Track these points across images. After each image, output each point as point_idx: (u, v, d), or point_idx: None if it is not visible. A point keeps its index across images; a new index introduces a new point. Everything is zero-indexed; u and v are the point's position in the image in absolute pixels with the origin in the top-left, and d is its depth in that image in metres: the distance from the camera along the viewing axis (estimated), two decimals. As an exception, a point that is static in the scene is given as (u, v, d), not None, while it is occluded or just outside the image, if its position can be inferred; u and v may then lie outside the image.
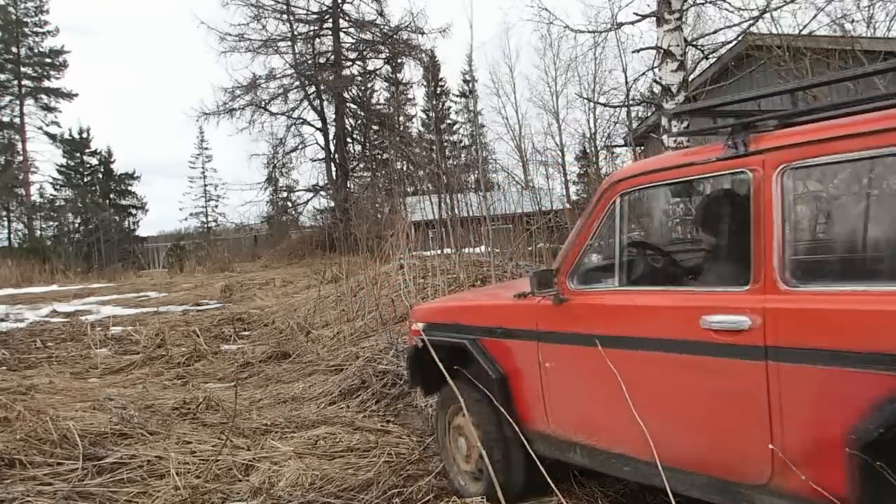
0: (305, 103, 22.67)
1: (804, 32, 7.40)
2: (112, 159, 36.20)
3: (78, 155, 35.04)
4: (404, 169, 21.81)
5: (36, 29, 33.43)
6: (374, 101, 26.99)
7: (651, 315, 2.45)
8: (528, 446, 2.74)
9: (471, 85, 38.58)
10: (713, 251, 2.71)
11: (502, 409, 2.83)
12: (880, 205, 2.21)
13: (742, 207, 2.23)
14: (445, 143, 33.48)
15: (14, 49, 32.66)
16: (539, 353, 2.84)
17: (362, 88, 25.46)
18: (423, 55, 23.48)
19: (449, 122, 38.06)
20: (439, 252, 8.52)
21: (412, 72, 43.50)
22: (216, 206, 41.76)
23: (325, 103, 22.95)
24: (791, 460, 2.00)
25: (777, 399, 2.02)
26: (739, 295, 2.17)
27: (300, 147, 23.48)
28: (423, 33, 22.22)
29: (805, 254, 2.21)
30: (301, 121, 23.01)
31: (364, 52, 23.64)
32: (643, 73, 10.20)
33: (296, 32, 22.18)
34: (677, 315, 2.33)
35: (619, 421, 2.42)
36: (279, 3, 21.79)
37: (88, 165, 35.73)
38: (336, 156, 23.05)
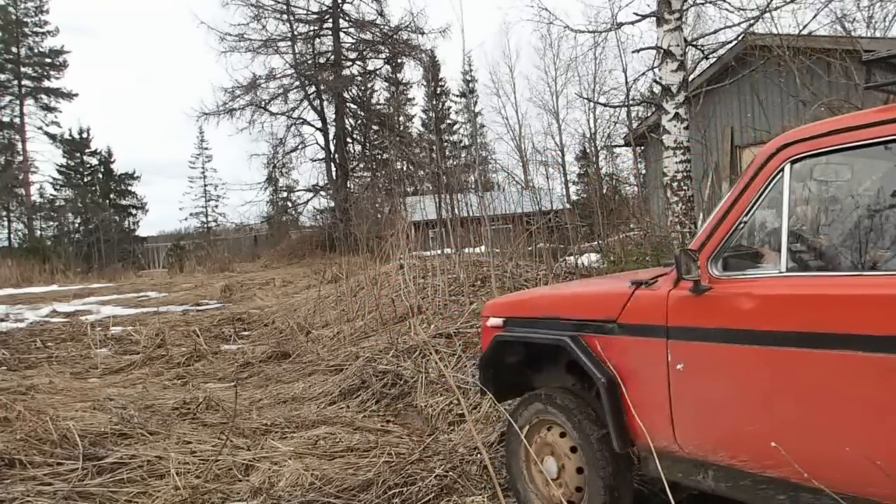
0: (305, 103, 22.66)
1: (804, 32, 7.40)
2: (112, 159, 36.22)
3: (78, 155, 35.03)
4: (404, 169, 21.82)
5: (36, 29, 33.44)
6: (374, 101, 27.00)
7: (833, 306, 1.99)
8: (660, 467, 2.28)
9: (471, 85, 38.58)
10: None
11: (611, 422, 2.45)
12: None
13: None
14: (445, 143, 33.49)
15: (14, 49, 32.65)
16: (668, 353, 2.36)
17: (362, 88, 25.46)
18: (423, 55, 23.49)
19: (449, 122, 38.07)
20: (439, 252, 8.52)
21: (412, 72, 43.59)
22: (216, 206, 41.78)
23: (325, 103, 22.94)
24: None
25: None
26: None
27: (300, 147, 23.48)
28: (422, 33, 22.23)
29: None
30: (301, 121, 23.01)
31: (364, 52, 23.64)
32: (643, 73, 10.21)
33: (296, 32, 22.17)
34: (873, 305, 1.89)
35: (781, 435, 2.02)
36: (279, 3, 21.80)
37: (88, 165, 35.72)
38: (336, 156, 23.05)
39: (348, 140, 24.07)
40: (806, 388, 1.99)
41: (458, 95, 39.21)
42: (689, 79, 8.64)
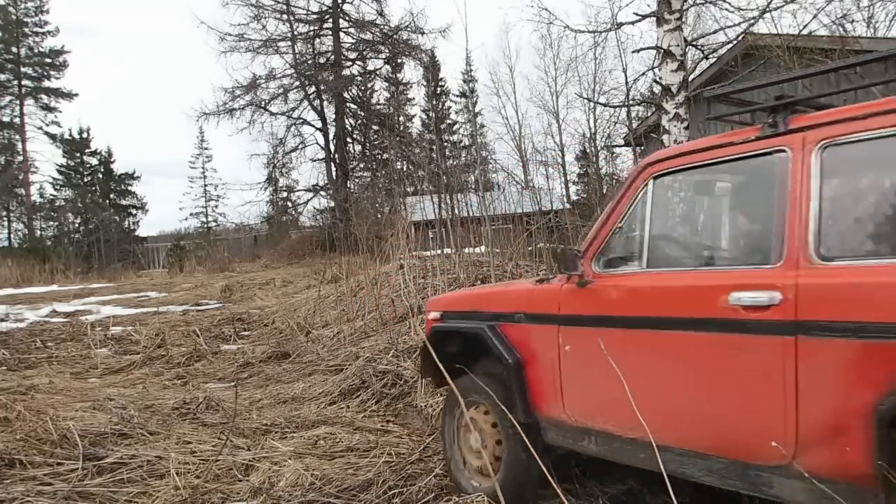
0: (305, 103, 22.66)
1: (804, 32, 7.40)
2: (112, 159, 36.22)
3: (78, 155, 35.02)
4: (404, 169, 21.80)
5: (36, 29, 33.44)
6: (374, 101, 26.99)
7: (678, 295, 2.44)
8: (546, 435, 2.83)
9: (471, 85, 38.58)
10: (743, 230, 2.73)
11: (517, 396, 2.86)
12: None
13: (777, 185, 2.28)
14: (445, 143, 33.47)
15: (14, 49, 32.65)
16: (559, 337, 2.82)
17: (362, 88, 25.45)
18: (423, 55, 23.48)
19: (449, 122, 38.06)
20: (439, 252, 8.52)
21: (412, 72, 43.58)
22: (216, 206, 41.79)
23: (325, 103, 22.94)
24: (813, 439, 2.01)
25: (805, 374, 2.02)
26: (770, 271, 2.18)
27: (300, 147, 23.47)
28: (423, 33, 22.22)
29: (838, 229, 2.20)
30: (301, 121, 23.01)
31: (364, 52, 23.63)
32: (643, 73, 10.21)
33: (296, 32, 22.17)
34: (705, 293, 2.32)
35: (639, 403, 2.36)
36: (279, 3, 21.79)
37: (88, 165, 35.72)
38: (336, 156, 23.05)
39: (348, 140, 24.07)
40: (653, 364, 2.44)
41: (458, 95, 39.21)
42: (689, 79, 8.64)
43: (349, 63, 23.55)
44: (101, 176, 36.04)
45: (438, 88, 37.78)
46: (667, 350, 2.43)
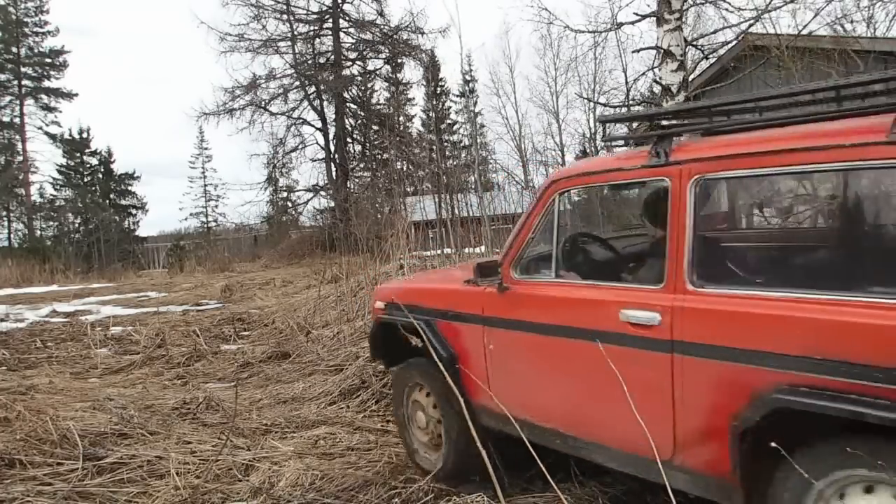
0: (305, 103, 22.65)
1: (804, 32, 7.40)
2: (112, 159, 36.18)
3: (78, 155, 35.01)
4: (404, 169, 21.80)
5: (36, 29, 33.42)
6: (374, 101, 26.98)
7: (579, 306, 2.69)
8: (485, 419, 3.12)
9: (471, 85, 38.57)
10: (636, 251, 2.96)
11: (452, 385, 3.07)
12: (783, 215, 2.44)
13: (661, 213, 2.45)
14: (445, 143, 33.48)
15: (14, 49, 32.63)
16: (484, 336, 3.09)
17: (362, 88, 25.44)
18: (423, 55, 23.48)
19: (449, 122, 38.06)
20: (439, 252, 8.52)
21: (412, 72, 43.55)
22: (216, 206, 41.78)
23: (325, 103, 22.93)
24: (688, 441, 2.30)
25: (680, 388, 2.28)
26: (653, 293, 2.41)
27: (300, 147, 23.46)
28: (422, 33, 22.22)
29: (712, 258, 2.42)
30: (301, 121, 23.00)
31: (364, 52, 23.63)
32: (643, 73, 10.22)
33: (296, 32, 22.17)
34: (601, 308, 2.56)
35: (550, 400, 2.80)
36: (279, 3, 21.79)
37: (88, 165, 35.70)
38: (336, 156, 23.04)
39: (348, 140, 24.07)
40: (561, 367, 2.74)
41: (458, 95, 39.21)
42: (689, 79, 8.64)
43: (349, 63, 23.55)
44: (101, 176, 36.02)
45: (438, 88, 37.76)
46: (571, 355, 2.67)
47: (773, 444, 1.90)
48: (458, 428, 3.22)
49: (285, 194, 28.36)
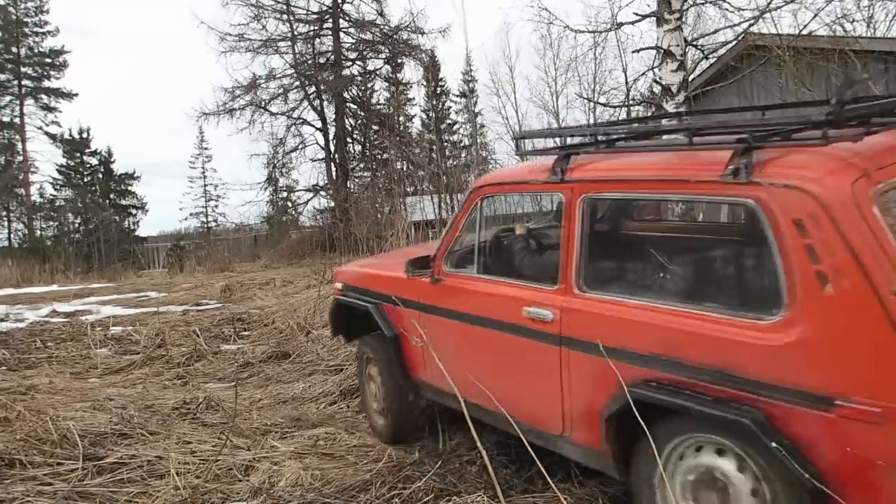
0: (305, 103, 22.60)
1: (804, 32, 7.40)
2: (112, 159, 36.17)
3: (78, 155, 35.00)
4: (404, 169, 21.80)
5: (36, 29, 33.40)
6: (374, 101, 26.95)
7: (494, 300, 3.10)
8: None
9: (471, 85, 38.58)
10: (543, 253, 3.31)
11: (396, 362, 3.75)
12: (651, 233, 2.85)
13: (559, 222, 2.83)
14: (445, 143, 33.48)
15: (14, 49, 32.62)
16: (420, 321, 3.52)
17: (362, 88, 25.41)
18: (423, 55, 23.44)
19: (449, 122, 38.09)
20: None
21: (412, 72, 43.53)
22: (216, 206, 41.76)
23: (325, 103, 22.87)
24: (574, 420, 2.73)
25: (567, 376, 2.69)
26: (549, 293, 2.79)
27: (300, 147, 23.40)
28: (423, 33, 22.15)
29: (594, 266, 2.75)
30: (301, 121, 22.95)
31: (364, 52, 23.59)
32: (643, 73, 10.22)
33: (296, 32, 22.12)
34: (511, 303, 2.95)
35: (469, 377, 3.15)
36: (279, 3, 21.75)
37: (88, 165, 35.69)
38: (336, 156, 23.02)
39: (348, 140, 24.03)
40: (482, 351, 3.18)
41: (458, 95, 39.21)
42: (689, 79, 8.64)
43: (349, 63, 23.51)
44: (101, 176, 36.01)
45: (438, 88, 37.76)
46: (489, 342, 3.12)
47: (636, 422, 2.26)
48: (397, 398, 3.84)
49: (285, 194, 28.32)
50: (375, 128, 24.57)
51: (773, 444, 2.03)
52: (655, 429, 2.28)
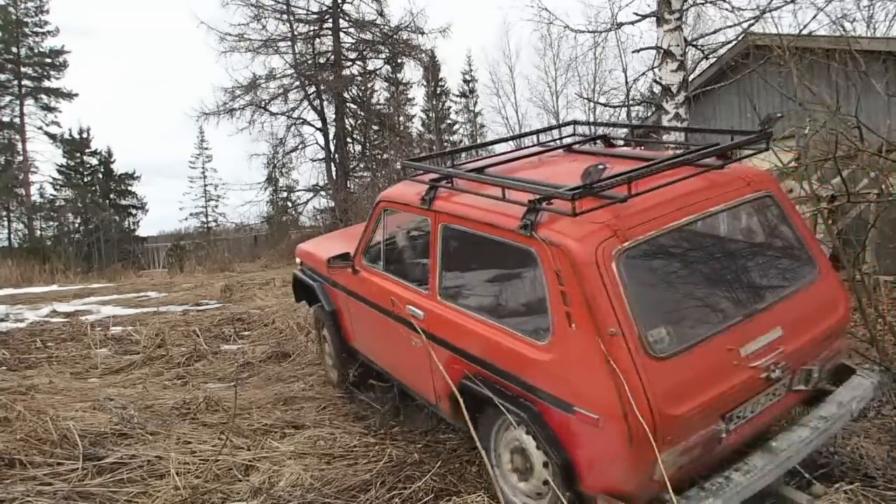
0: (305, 103, 22.60)
1: (804, 32, 7.40)
2: (112, 159, 36.12)
3: (78, 155, 34.97)
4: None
5: (36, 29, 33.36)
6: (374, 101, 26.95)
7: (390, 295, 3.82)
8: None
9: (471, 85, 38.59)
10: (422, 262, 3.80)
11: (336, 331, 4.89)
12: (483, 260, 3.41)
13: (428, 239, 3.59)
14: (445, 144, 33.46)
15: (14, 49, 32.61)
16: (346, 302, 4.60)
17: (362, 88, 25.40)
18: (423, 55, 23.44)
19: (449, 122, 38.08)
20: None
21: (412, 72, 43.50)
22: (216, 206, 41.72)
23: (325, 103, 22.88)
24: (439, 394, 3.56)
25: (434, 361, 3.38)
26: (424, 296, 3.55)
27: (300, 147, 23.41)
28: (423, 33, 22.16)
29: (449, 280, 3.46)
30: (301, 121, 22.95)
31: (364, 52, 23.59)
32: (643, 73, 10.23)
33: (296, 32, 22.12)
34: (402, 300, 3.70)
35: (381, 352, 4.35)
36: (279, 3, 21.75)
37: (88, 165, 35.66)
38: (336, 156, 23.02)
39: (348, 140, 24.03)
40: (383, 332, 4.04)
41: (458, 95, 39.20)
42: (689, 79, 8.64)
43: (349, 63, 23.51)
44: (101, 176, 35.98)
45: (438, 88, 37.76)
46: (388, 327, 3.89)
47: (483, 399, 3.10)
48: (341, 356, 4.96)
49: (285, 194, 28.32)
50: (375, 128, 24.56)
51: (537, 433, 2.86)
52: (491, 408, 3.03)
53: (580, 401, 2.64)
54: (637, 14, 8.36)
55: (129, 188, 36.86)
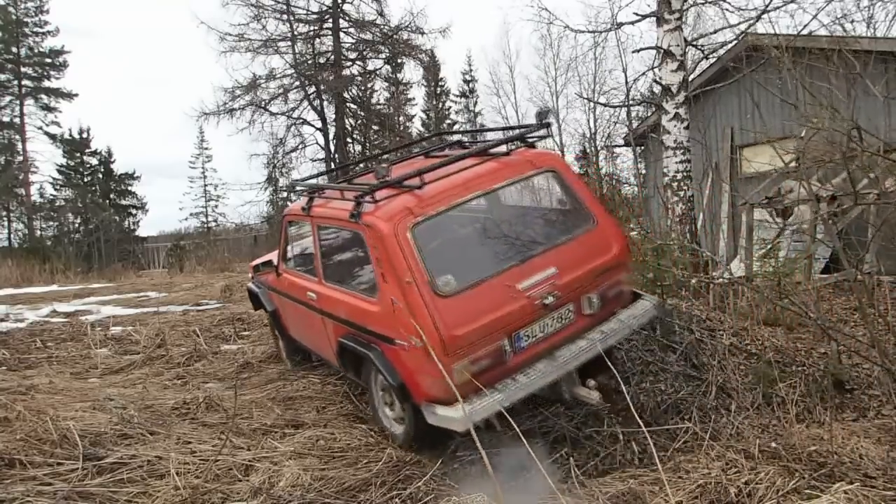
0: (305, 103, 22.61)
1: (804, 33, 7.40)
2: (112, 159, 36.11)
3: (78, 155, 34.96)
4: (404, 169, 21.69)
5: (36, 29, 33.35)
6: (374, 101, 26.95)
7: (300, 287, 5.00)
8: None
9: (471, 85, 38.58)
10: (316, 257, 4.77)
11: (277, 325, 6.01)
12: (340, 246, 4.54)
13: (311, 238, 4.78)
14: (445, 143, 33.32)
15: (14, 49, 32.60)
16: (280, 300, 5.72)
17: (362, 88, 25.41)
18: (423, 55, 23.44)
19: (449, 122, 38.06)
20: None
21: (412, 72, 43.47)
22: (216, 206, 41.73)
23: (325, 103, 22.88)
24: (334, 355, 4.61)
25: (326, 330, 4.61)
26: (315, 283, 4.72)
27: (300, 147, 23.42)
28: (423, 33, 22.16)
29: (329, 267, 4.62)
30: (301, 121, 22.96)
31: (364, 52, 23.59)
32: (643, 73, 10.24)
33: (296, 32, 22.12)
34: (305, 289, 4.87)
35: (300, 332, 5.48)
36: (279, 3, 21.75)
37: (88, 165, 35.65)
38: (336, 156, 23.03)
39: (348, 140, 24.03)
40: (299, 317, 5.23)
41: (458, 95, 39.19)
42: (689, 79, 8.64)
43: (349, 63, 23.51)
44: (101, 176, 35.96)
45: (438, 88, 37.77)
46: (304, 313, 5.04)
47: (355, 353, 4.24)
48: (285, 345, 6.08)
49: (285, 194, 28.32)
50: (375, 128, 24.55)
51: (381, 366, 3.85)
52: (366, 358, 4.04)
53: (396, 334, 3.68)
54: (637, 14, 8.36)
55: (129, 188, 36.87)
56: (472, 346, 3.49)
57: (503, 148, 4.28)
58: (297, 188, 5.43)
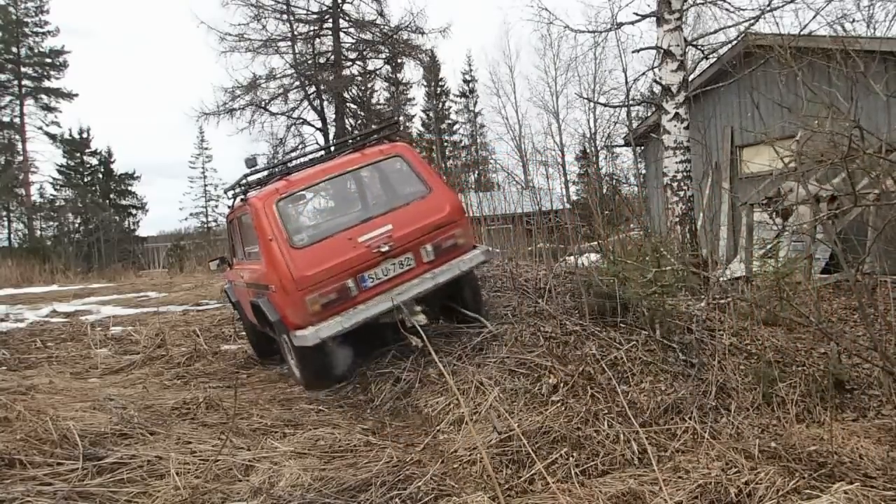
0: (305, 103, 22.60)
1: (804, 32, 7.39)
2: (112, 159, 36.15)
3: (78, 155, 34.97)
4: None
5: (36, 29, 33.38)
6: (374, 101, 26.95)
7: (238, 273, 6.24)
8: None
9: (471, 85, 38.59)
10: (252, 243, 5.68)
11: (240, 314, 7.05)
12: (245, 228, 5.86)
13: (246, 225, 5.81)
14: (445, 143, 33.47)
15: (14, 49, 32.61)
16: (236, 290, 6.79)
17: (362, 88, 25.40)
18: (423, 55, 23.43)
19: (449, 122, 38.08)
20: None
21: (412, 72, 43.55)
22: (216, 206, 41.78)
23: (325, 103, 22.87)
24: (259, 319, 5.82)
25: (250, 296, 5.83)
26: (243, 264, 6.04)
27: (300, 147, 23.43)
28: (423, 33, 22.15)
29: (247, 248, 5.86)
30: (301, 121, 22.95)
31: (364, 52, 23.58)
32: (643, 73, 10.24)
33: (296, 32, 22.11)
34: (240, 272, 6.15)
35: (247, 312, 6.31)
36: (279, 3, 21.74)
37: (88, 165, 35.67)
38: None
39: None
40: (243, 297, 6.40)
41: (458, 95, 39.21)
42: (689, 79, 8.63)
43: (349, 63, 23.49)
44: (101, 176, 35.98)
45: (438, 88, 37.79)
46: (242, 293, 6.25)
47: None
48: (250, 331, 6.86)
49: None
50: (375, 127, 24.51)
51: (268, 311, 5.15)
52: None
53: (269, 281, 5.07)
54: (637, 14, 8.35)
55: (129, 188, 36.89)
56: (321, 284, 4.81)
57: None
58: (227, 193, 6.32)
